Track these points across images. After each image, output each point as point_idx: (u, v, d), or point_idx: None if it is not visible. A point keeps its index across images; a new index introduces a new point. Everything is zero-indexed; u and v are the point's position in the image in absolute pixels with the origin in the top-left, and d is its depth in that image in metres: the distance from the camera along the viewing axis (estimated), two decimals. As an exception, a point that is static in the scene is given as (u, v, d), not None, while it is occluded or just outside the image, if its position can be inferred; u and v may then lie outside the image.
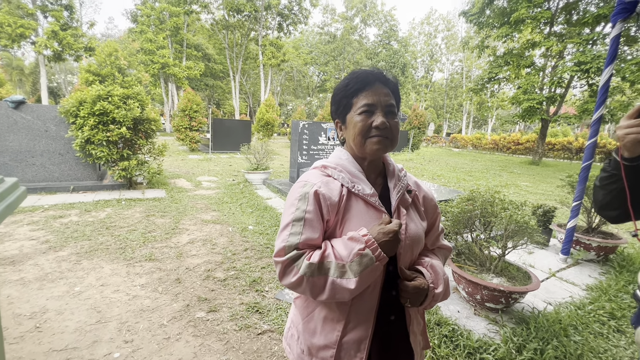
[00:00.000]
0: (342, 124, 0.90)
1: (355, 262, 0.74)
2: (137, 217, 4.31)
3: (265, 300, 2.52)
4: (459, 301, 2.54)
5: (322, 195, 0.80)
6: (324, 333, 0.85)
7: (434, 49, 42.43)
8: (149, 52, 21.20)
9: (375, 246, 0.74)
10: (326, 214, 0.81)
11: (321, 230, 0.81)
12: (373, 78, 0.84)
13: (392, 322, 0.88)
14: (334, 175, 0.85)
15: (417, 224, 0.90)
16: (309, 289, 0.77)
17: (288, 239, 0.79)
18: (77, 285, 2.57)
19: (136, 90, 5.49)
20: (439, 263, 0.92)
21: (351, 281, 0.74)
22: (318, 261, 0.76)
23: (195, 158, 10.99)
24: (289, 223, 0.80)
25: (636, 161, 0.92)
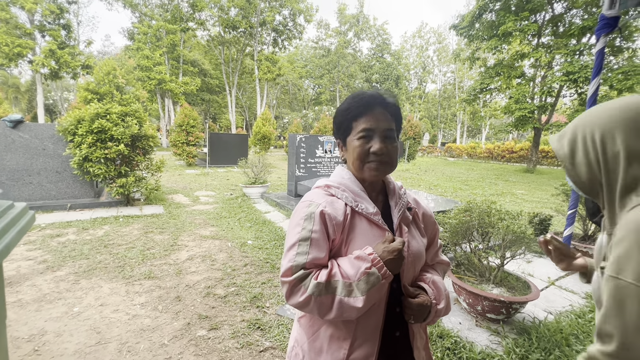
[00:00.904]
0: (343, 145, 0.93)
1: (362, 281, 0.76)
2: (135, 234, 4.29)
3: (267, 316, 2.50)
4: (460, 312, 2.55)
5: (328, 215, 0.82)
6: (330, 351, 0.85)
7: (426, 61, 43.34)
8: (145, 68, 21.45)
9: (381, 264, 0.76)
10: (332, 233, 0.83)
11: (327, 250, 0.83)
12: (374, 102, 0.86)
13: (397, 338, 0.89)
14: (337, 194, 0.87)
15: (419, 241, 0.93)
16: (317, 308, 0.78)
17: (295, 259, 0.80)
18: (75, 305, 2.55)
19: (134, 108, 5.55)
20: (439, 279, 0.94)
21: (358, 299, 0.75)
22: (325, 280, 0.77)
23: (192, 173, 11.00)
24: (296, 243, 0.81)
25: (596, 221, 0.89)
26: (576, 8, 13.40)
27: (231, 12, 26.10)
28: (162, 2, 23.88)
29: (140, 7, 23.45)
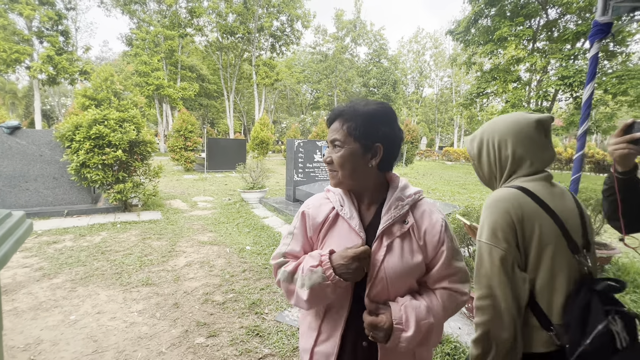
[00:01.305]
0: None
1: (307, 277, 0.82)
2: (133, 240, 4.26)
3: (266, 322, 2.49)
4: (460, 317, 2.54)
5: (308, 215, 0.94)
6: (304, 337, 0.95)
7: (423, 66, 43.69)
8: (143, 74, 21.49)
9: (329, 266, 0.80)
10: (309, 231, 0.93)
11: (303, 245, 0.94)
12: (333, 116, 0.91)
13: (365, 348, 0.87)
14: (331, 198, 0.96)
15: (403, 259, 0.84)
16: (285, 292, 0.90)
17: (280, 247, 0.96)
18: (72, 313, 2.52)
19: (132, 114, 5.55)
20: (419, 305, 0.82)
21: (304, 292, 0.83)
22: (290, 271, 0.88)
23: (190, 178, 10.98)
24: (286, 234, 0.98)
25: (628, 174, 0.99)
26: (570, 14, 13.59)
27: (229, 18, 26.28)
28: (160, 9, 24.01)
29: (139, 13, 23.56)
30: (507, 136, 1.01)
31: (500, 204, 0.94)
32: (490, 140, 1.04)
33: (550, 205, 0.94)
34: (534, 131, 1.00)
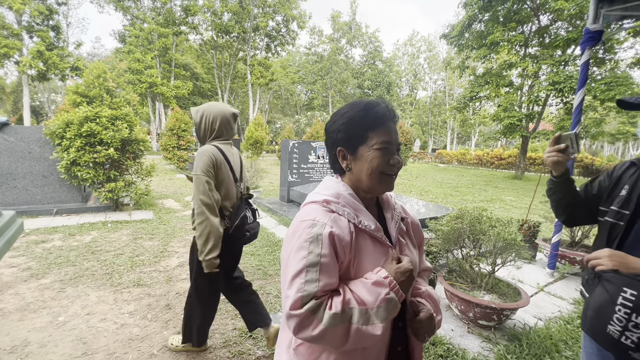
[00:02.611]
0: (349, 154, 0.86)
1: (382, 308, 0.72)
2: (124, 240, 4.20)
3: (259, 324, 2.47)
4: (453, 319, 2.56)
5: (337, 237, 0.76)
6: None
7: (417, 69, 44.05)
8: (136, 71, 21.23)
9: (397, 288, 0.75)
10: (341, 255, 0.77)
11: (337, 274, 0.77)
12: (389, 115, 0.85)
13: (399, 353, 0.89)
14: (338, 211, 0.81)
15: (413, 252, 0.93)
16: (331, 340, 0.72)
17: (305, 288, 0.72)
18: (61, 314, 2.47)
19: (125, 111, 5.47)
20: (432, 289, 0.95)
21: (377, 327, 0.72)
22: (340, 310, 0.71)
23: (183, 177, 10.87)
24: (302, 269, 0.73)
25: (561, 177, 1.28)
26: (561, 20, 13.85)
27: (224, 17, 26.13)
28: (154, 6, 23.76)
29: (132, 10, 23.28)
30: (218, 117, 1.84)
31: (208, 152, 1.74)
32: (208, 116, 1.83)
33: (228, 157, 1.85)
34: (230, 118, 1.89)
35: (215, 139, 1.86)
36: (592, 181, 1.36)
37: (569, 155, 1.22)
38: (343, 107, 0.89)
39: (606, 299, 1.03)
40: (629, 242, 1.13)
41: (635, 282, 0.98)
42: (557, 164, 1.24)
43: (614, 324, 0.99)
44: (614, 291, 1.01)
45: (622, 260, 1.04)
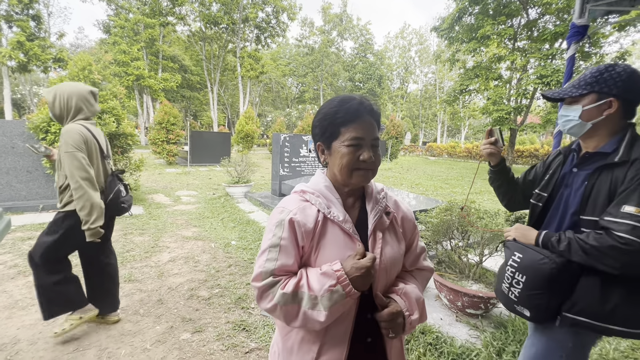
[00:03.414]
0: (326, 149, 0.90)
1: (325, 297, 0.76)
2: (114, 236, 4.10)
3: (252, 317, 2.50)
4: (442, 309, 2.63)
5: (297, 223, 0.83)
6: (300, 353, 0.87)
7: (408, 62, 44.09)
8: (122, 63, 20.69)
9: (347, 282, 0.76)
10: (301, 240, 0.83)
11: (296, 257, 0.83)
12: (363, 110, 0.85)
13: (369, 343, 0.90)
14: (311, 200, 0.87)
15: (394, 247, 0.91)
16: (283, 315, 0.80)
17: (265, 265, 0.82)
18: (50, 311, 2.44)
19: (112, 105, 5.35)
20: (412, 288, 0.92)
21: (321, 314, 0.77)
22: (292, 291, 0.78)
23: (173, 172, 10.74)
24: (266, 249, 0.83)
25: (497, 167, 1.46)
26: (549, 14, 14.00)
27: (213, 7, 25.56)
28: (140, -5, 23.07)
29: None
30: (73, 95, 1.91)
31: (76, 129, 1.85)
32: (62, 95, 1.89)
33: (95, 135, 1.99)
34: (88, 95, 1.96)
35: (76, 118, 1.94)
36: (530, 168, 1.50)
37: (499, 148, 1.39)
38: (324, 102, 0.90)
39: (503, 262, 1.27)
40: (546, 221, 1.29)
41: (524, 249, 1.19)
42: (492, 155, 1.42)
43: (505, 281, 1.23)
44: (508, 255, 1.24)
45: (524, 232, 1.25)
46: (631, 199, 1.01)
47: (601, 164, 1.14)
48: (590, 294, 1.07)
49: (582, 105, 1.15)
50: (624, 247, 0.98)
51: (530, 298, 1.14)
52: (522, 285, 1.15)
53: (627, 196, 1.02)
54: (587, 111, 1.15)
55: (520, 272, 1.16)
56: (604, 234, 1.03)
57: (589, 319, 1.07)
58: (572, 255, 1.07)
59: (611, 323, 1.06)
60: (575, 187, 1.20)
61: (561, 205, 1.23)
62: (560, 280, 1.09)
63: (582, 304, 1.08)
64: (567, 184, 1.24)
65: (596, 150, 1.18)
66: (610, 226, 1.02)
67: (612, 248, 0.99)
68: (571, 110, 1.18)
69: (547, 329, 1.20)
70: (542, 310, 1.14)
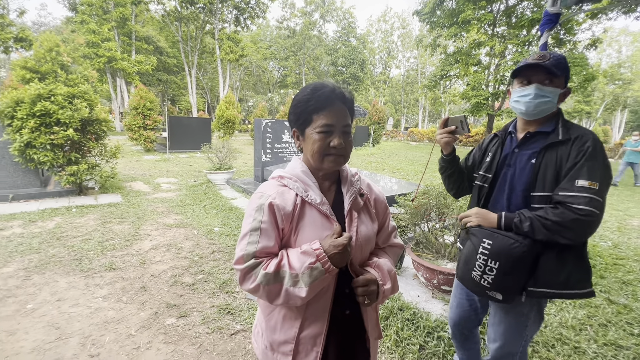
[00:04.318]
0: (300, 135, 0.94)
1: (306, 274, 0.81)
2: (92, 225, 4.05)
3: (237, 301, 2.55)
4: (419, 287, 2.77)
5: (277, 206, 0.87)
6: (283, 330, 0.93)
7: (391, 46, 43.89)
8: (93, 44, 19.50)
9: (326, 259, 0.81)
10: (281, 223, 0.87)
11: (276, 239, 0.88)
12: (334, 97, 0.88)
13: (348, 316, 0.96)
14: (289, 185, 0.91)
15: (368, 226, 0.98)
16: (266, 295, 0.85)
17: (246, 248, 0.85)
18: (29, 302, 2.41)
19: (83, 89, 5.09)
20: (385, 261, 0.99)
21: (302, 290, 0.82)
22: (274, 271, 0.83)
23: (151, 159, 10.43)
24: (247, 233, 0.87)
25: (450, 156, 1.46)
26: (527, 0, 14.21)
27: (188, -15, 24.26)
28: (108, -30, 21.55)
29: (82, -27, 21.00)
30: None
31: None
32: None
33: None
34: None
35: None
36: (468, 155, 1.57)
37: (456, 137, 1.40)
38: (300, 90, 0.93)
39: (472, 249, 1.27)
40: (492, 201, 1.36)
41: (492, 234, 1.22)
42: (448, 144, 1.41)
43: (476, 269, 1.24)
44: (477, 242, 1.25)
45: (484, 217, 1.28)
46: (582, 173, 1.10)
47: (546, 143, 1.21)
48: (549, 266, 1.17)
49: (560, 89, 1.20)
50: (584, 219, 1.06)
51: (504, 282, 1.19)
52: (496, 271, 1.19)
53: (577, 171, 1.11)
54: (562, 95, 1.22)
55: (492, 259, 1.19)
56: (563, 209, 1.10)
57: (550, 289, 1.18)
58: (536, 234, 1.14)
59: (567, 288, 1.18)
60: (520, 166, 1.27)
61: (506, 184, 1.30)
62: (529, 261, 1.17)
63: (544, 277, 1.18)
64: (509, 164, 1.31)
65: (537, 130, 1.26)
66: (567, 200, 1.09)
67: (574, 221, 1.07)
68: (548, 91, 1.19)
69: (515, 305, 1.27)
70: (513, 291, 1.21)
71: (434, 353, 1.99)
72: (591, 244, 4.07)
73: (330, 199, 0.96)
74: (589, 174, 1.09)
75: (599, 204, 1.07)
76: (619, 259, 3.69)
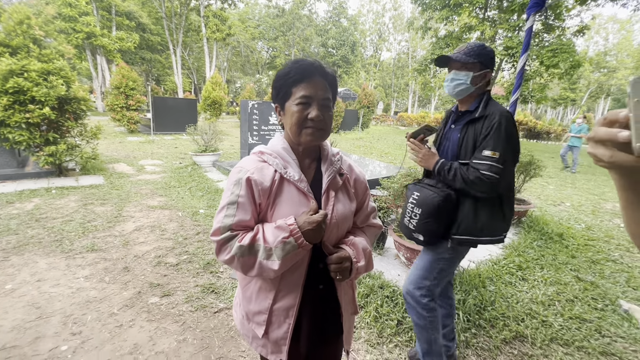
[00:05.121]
0: (281, 110, 0.94)
1: (279, 248, 0.83)
2: (72, 206, 3.97)
3: (221, 280, 2.58)
4: (400, 266, 2.86)
5: (254, 181, 0.87)
6: (258, 301, 0.96)
7: (382, 28, 43.14)
8: (69, 18, 18.46)
9: (299, 235, 0.83)
10: (258, 198, 0.88)
11: (253, 213, 0.89)
12: (313, 70, 0.87)
13: (321, 291, 0.99)
14: (269, 161, 0.92)
15: (345, 205, 0.99)
16: (240, 266, 0.87)
17: (223, 221, 0.87)
18: (7, 283, 2.38)
19: (58, 65, 4.86)
20: (361, 240, 1.01)
21: (275, 263, 0.84)
22: (248, 244, 0.85)
23: (135, 140, 10.16)
24: (225, 206, 0.88)
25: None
26: (519, -16, 14.06)
27: (171, -43, 23.02)
28: (83, -63, 20.15)
29: (56, -60, 19.59)
30: None
31: None
32: None
33: None
34: None
35: None
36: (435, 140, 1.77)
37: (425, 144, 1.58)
38: None
39: (405, 202, 1.61)
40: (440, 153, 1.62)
41: (420, 188, 1.53)
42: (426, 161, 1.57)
43: (406, 215, 1.57)
44: (409, 195, 1.58)
45: (427, 158, 1.52)
46: (487, 145, 1.37)
47: (468, 119, 1.48)
48: (467, 217, 1.45)
49: (473, 72, 1.44)
50: (487, 180, 1.34)
51: (425, 226, 1.48)
52: (419, 217, 1.49)
53: (485, 143, 1.38)
54: (476, 77, 1.45)
55: (417, 207, 1.50)
56: (474, 170, 1.37)
57: (469, 236, 1.46)
58: (456, 183, 1.42)
59: (482, 235, 1.46)
60: (453, 140, 1.54)
61: (444, 154, 1.57)
62: (445, 210, 1.45)
63: (464, 226, 1.46)
64: (447, 138, 1.59)
65: (465, 109, 1.53)
66: (477, 166, 1.37)
67: (480, 180, 1.35)
68: (462, 75, 1.45)
69: (435, 246, 1.56)
70: (432, 234, 1.50)
71: (411, 327, 2.08)
72: (565, 226, 4.25)
73: (309, 176, 0.97)
74: (493, 145, 1.36)
75: (498, 169, 1.34)
76: (590, 240, 3.88)
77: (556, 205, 5.53)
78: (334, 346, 1.10)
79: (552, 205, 5.49)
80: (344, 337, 1.08)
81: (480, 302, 2.35)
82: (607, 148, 0.42)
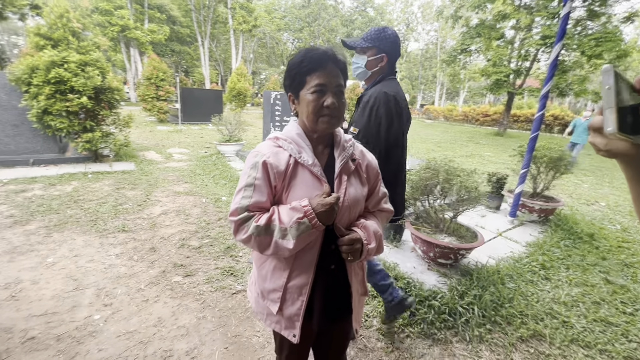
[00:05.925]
0: (295, 99, 0.97)
1: (294, 228, 0.88)
2: (107, 190, 4.25)
3: (240, 264, 2.69)
4: (416, 258, 2.84)
5: (270, 165, 0.92)
6: (273, 279, 1.01)
7: (410, 18, 41.77)
8: (105, 12, 19.35)
9: (313, 216, 0.87)
10: (273, 180, 0.93)
11: (268, 195, 0.94)
12: (327, 58, 0.90)
13: (333, 271, 1.02)
14: (284, 146, 0.96)
15: (357, 189, 1.02)
16: (257, 245, 0.92)
17: (240, 202, 0.92)
18: (49, 256, 2.60)
19: (95, 57, 5.15)
20: (372, 223, 1.04)
21: (290, 242, 0.89)
22: (265, 224, 0.89)
23: (164, 129, 10.60)
24: (242, 188, 0.93)
25: None
26: (561, -33, 13.10)
27: (200, -51, 23.40)
28: None
29: (94, -64, 20.44)
30: None
31: None
32: None
33: None
34: None
35: None
36: None
37: None
38: None
39: None
40: None
41: None
42: None
43: None
44: None
45: None
46: (355, 121, 1.51)
47: (357, 99, 1.65)
48: None
49: (368, 56, 1.52)
50: None
51: None
52: None
53: (356, 119, 1.52)
54: (370, 61, 1.52)
55: None
56: None
57: None
58: None
59: None
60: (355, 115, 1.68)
61: None
62: None
63: None
64: None
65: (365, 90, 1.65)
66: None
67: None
68: (360, 59, 1.55)
69: None
70: None
71: (423, 319, 2.08)
72: (598, 226, 4.03)
73: (322, 161, 1.00)
74: (357, 122, 1.50)
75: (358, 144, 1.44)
76: (625, 242, 3.65)
77: (589, 204, 5.23)
78: (344, 324, 1.14)
79: (585, 204, 5.20)
80: (353, 317, 1.11)
81: (498, 298, 2.30)
82: (603, 136, 0.42)
